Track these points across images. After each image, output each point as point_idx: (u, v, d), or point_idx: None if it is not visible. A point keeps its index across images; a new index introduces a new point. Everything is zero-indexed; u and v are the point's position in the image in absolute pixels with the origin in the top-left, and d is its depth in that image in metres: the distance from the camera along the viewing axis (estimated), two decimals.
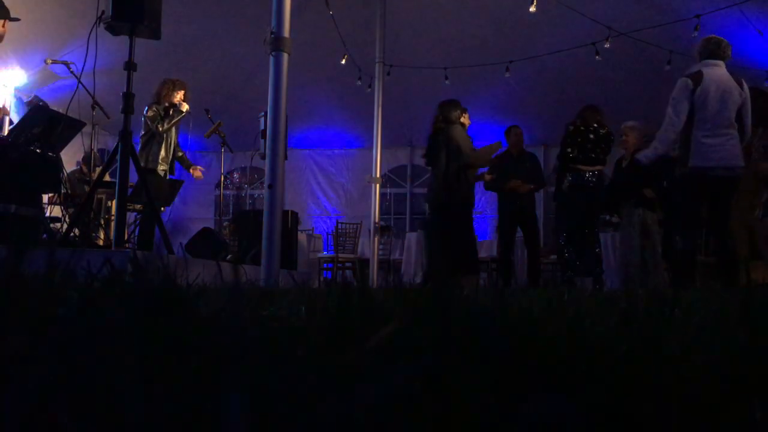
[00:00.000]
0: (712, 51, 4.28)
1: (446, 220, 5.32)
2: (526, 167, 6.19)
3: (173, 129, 5.54)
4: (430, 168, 5.63)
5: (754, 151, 4.95)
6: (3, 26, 4.54)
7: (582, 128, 5.45)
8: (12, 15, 4.59)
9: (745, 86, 4.26)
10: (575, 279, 5.44)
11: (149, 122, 5.32)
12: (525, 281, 6.28)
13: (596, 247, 5.52)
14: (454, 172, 5.24)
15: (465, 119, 5.55)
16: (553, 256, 6.47)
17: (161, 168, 5.40)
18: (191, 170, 6.02)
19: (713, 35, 4.47)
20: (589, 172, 5.44)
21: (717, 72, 4.22)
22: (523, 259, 8.08)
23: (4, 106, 5.62)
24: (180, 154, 5.75)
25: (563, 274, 5.47)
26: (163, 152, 5.39)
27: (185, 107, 5.40)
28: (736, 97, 4.18)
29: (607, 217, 8.09)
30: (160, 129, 5.29)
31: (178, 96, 5.44)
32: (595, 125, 5.49)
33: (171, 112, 5.36)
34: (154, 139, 5.36)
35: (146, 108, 5.34)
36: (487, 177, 5.98)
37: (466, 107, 5.61)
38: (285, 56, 3.59)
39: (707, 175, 4.13)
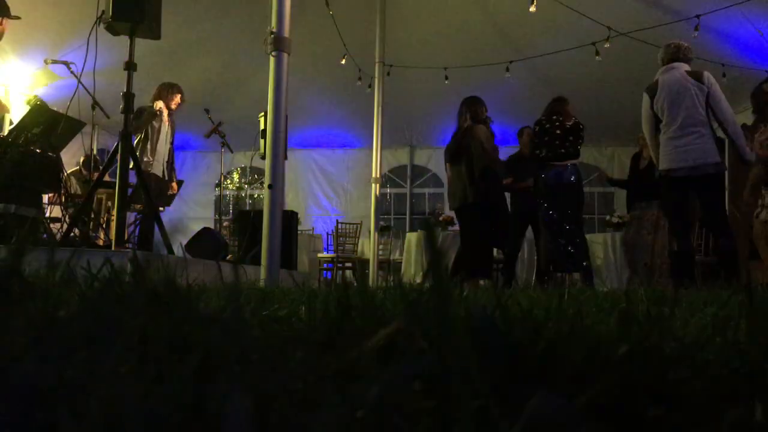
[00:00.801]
0: (669, 55, 4.33)
1: (469, 219, 5.30)
2: (535, 168, 6.19)
3: (168, 129, 5.55)
4: (449, 166, 5.56)
5: (757, 148, 4.95)
6: (2, 24, 4.54)
7: (547, 125, 5.39)
8: (12, 14, 4.59)
9: (706, 76, 4.21)
10: (565, 275, 5.41)
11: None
12: (531, 280, 6.27)
13: (583, 241, 5.43)
14: (480, 171, 5.22)
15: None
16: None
17: (148, 166, 5.40)
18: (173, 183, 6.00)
19: (673, 41, 4.51)
20: (562, 167, 5.32)
21: (671, 75, 4.28)
22: (523, 258, 8.08)
23: (4, 104, 5.63)
24: (171, 161, 5.76)
25: (553, 269, 5.40)
26: (150, 152, 5.39)
27: (158, 105, 5.44)
28: (694, 92, 4.16)
29: (607, 217, 8.09)
30: (130, 130, 5.32)
31: (176, 99, 5.49)
32: (558, 117, 5.40)
33: (144, 114, 5.41)
34: (141, 139, 5.41)
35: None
36: (506, 181, 5.99)
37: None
38: (285, 56, 3.59)
39: (676, 176, 4.16)
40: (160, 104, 5.47)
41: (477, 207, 5.24)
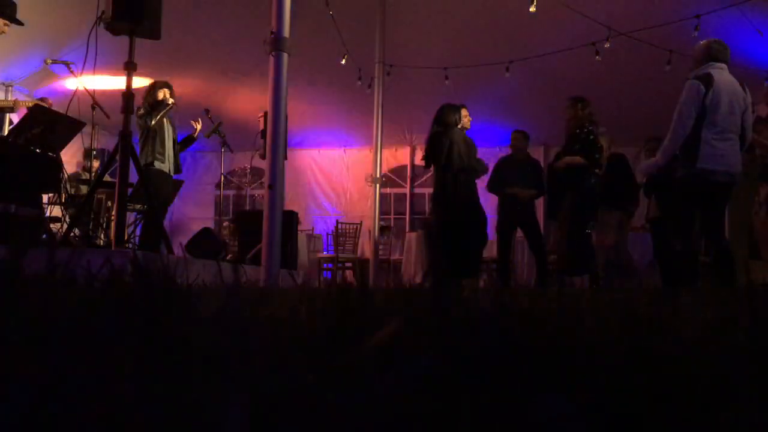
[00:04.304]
0: (718, 53, 4.26)
1: (444, 221, 5.36)
2: (527, 172, 6.18)
3: (169, 127, 5.58)
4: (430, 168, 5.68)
5: (758, 147, 4.96)
6: (6, 25, 4.55)
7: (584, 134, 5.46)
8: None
9: (748, 92, 4.27)
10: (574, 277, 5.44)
11: (140, 121, 5.39)
12: (530, 282, 6.28)
13: (589, 245, 5.50)
14: (450, 175, 5.28)
15: (465, 119, 5.59)
16: (553, 256, 6.47)
17: (160, 163, 5.42)
18: (195, 129, 6.11)
19: (715, 38, 4.45)
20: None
21: (725, 76, 4.21)
22: (523, 260, 8.09)
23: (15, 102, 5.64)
24: (177, 147, 5.80)
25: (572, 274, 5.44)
26: (159, 147, 5.42)
27: (171, 101, 5.49)
28: (741, 102, 4.19)
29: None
30: (151, 123, 5.36)
31: (161, 94, 5.51)
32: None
33: (157, 107, 5.44)
34: (149, 137, 5.42)
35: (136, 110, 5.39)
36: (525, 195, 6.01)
37: (464, 105, 5.64)
38: (285, 56, 3.59)
39: (711, 178, 4.12)
40: (171, 100, 5.52)
41: (452, 210, 5.33)
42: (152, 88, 5.53)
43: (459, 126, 5.48)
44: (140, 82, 5.24)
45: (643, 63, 7.46)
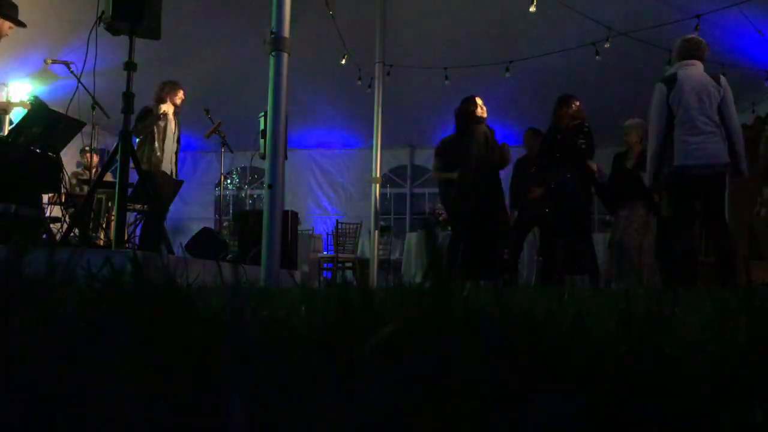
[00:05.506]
0: (688, 51, 4.30)
1: (462, 223, 5.33)
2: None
3: (173, 129, 5.57)
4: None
5: (761, 145, 4.95)
6: (10, 28, 4.55)
7: (586, 128, 5.42)
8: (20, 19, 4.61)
9: (723, 81, 4.23)
10: (573, 278, 5.42)
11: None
12: (530, 281, 6.29)
13: (590, 245, 5.44)
14: (454, 183, 5.28)
15: (480, 109, 5.57)
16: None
17: (155, 167, 5.42)
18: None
19: (690, 35, 4.49)
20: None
21: (692, 71, 4.23)
22: (523, 258, 8.08)
23: (8, 103, 5.64)
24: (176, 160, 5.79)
25: (559, 272, 5.42)
26: (158, 152, 5.41)
27: (162, 109, 5.44)
28: (713, 93, 4.16)
29: (607, 218, 8.08)
30: (135, 132, 5.33)
31: (179, 96, 5.50)
32: (556, 122, 5.47)
33: (147, 117, 5.42)
34: (145, 140, 5.43)
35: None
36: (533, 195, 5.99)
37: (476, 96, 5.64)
38: (285, 56, 3.59)
39: (690, 173, 4.13)
40: (165, 107, 5.49)
41: (468, 212, 5.29)
42: (171, 89, 5.52)
43: (477, 114, 5.46)
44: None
45: (643, 63, 7.46)
